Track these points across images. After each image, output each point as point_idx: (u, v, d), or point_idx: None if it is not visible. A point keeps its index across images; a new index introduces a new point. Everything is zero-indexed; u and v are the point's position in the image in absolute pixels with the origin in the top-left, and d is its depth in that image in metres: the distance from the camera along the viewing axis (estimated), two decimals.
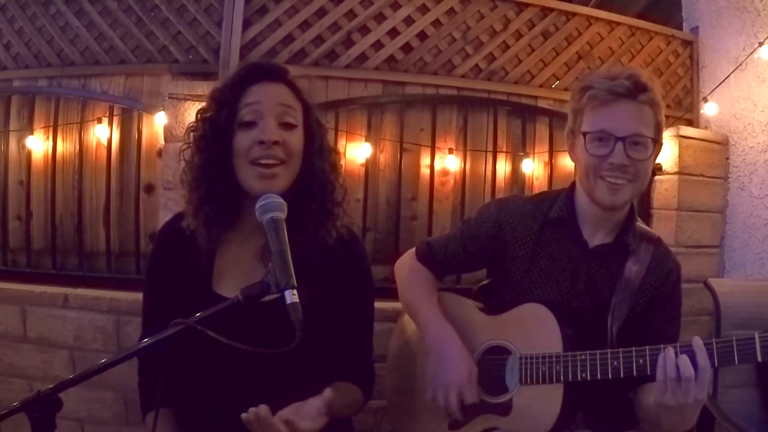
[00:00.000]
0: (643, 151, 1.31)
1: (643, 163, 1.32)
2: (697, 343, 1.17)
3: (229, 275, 1.30)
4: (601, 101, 1.31)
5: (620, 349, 1.26)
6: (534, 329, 1.37)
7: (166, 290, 1.32)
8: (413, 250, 1.62)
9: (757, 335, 1.16)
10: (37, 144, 2.49)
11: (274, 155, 1.21)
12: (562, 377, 1.30)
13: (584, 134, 1.34)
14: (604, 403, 1.37)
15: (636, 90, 1.29)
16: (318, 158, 1.30)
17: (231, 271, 1.30)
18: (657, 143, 1.36)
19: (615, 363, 1.25)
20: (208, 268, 1.29)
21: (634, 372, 1.24)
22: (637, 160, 1.31)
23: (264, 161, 1.21)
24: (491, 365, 1.41)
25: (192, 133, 1.29)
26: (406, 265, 1.60)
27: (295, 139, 1.26)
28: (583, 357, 1.29)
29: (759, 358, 1.16)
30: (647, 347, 1.23)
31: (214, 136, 1.24)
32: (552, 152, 2.60)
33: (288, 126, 1.25)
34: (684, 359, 1.14)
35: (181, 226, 1.29)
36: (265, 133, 1.21)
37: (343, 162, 2.41)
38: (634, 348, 1.25)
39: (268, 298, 0.98)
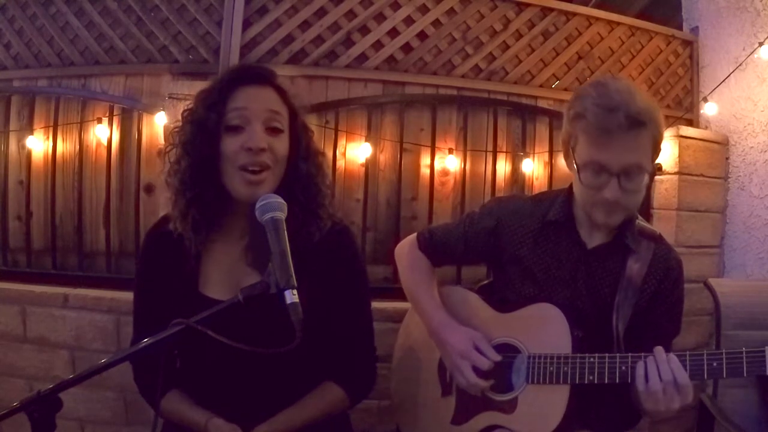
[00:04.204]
0: (637, 180, 1.28)
1: (636, 194, 1.30)
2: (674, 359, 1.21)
3: (215, 277, 1.30)
4: (595, 135, 1.25)
5: (629, 354, 1.26)
6: (544, 329, 1.37)
7: (154, 292, 1.32)
8: (414, 235, 1.64)
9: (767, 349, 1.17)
10: (37, 144, 2.48)
11: (261, 162, 1.21)
12: (569, 379, 1.30)
13: (576, 164, 1.31)
14: (606, 404, 1.37)
15: (632, 125, 1.23)
16: (303, 162, 1.30)
17: (217, 273, 1.30)
18: (655, 154, 1.32)
19: (623, 368, 1.25)
20: (194, 271, 1.29)
21: None
22: (631, 191, 1.28)
23: (251, 168, 1.21)
24: (498, 362, 1.40)
25: (178, 135, 1.27)
26: (406, 250, 1.62)
27: (281, 144, 1.26)
28: (591, 360, 1.28)
29: None
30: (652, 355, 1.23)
31: (202, 139, 1.22)
32: (552, 152, 2.60)
33: (275, 131, 1.25)
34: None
35: (168, 229, 1.29)
36: (252, 140, 1.20)
37: (342, 162, 2.43)
38: (643, 354, 1.24)
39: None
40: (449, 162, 2.50)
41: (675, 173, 2.58)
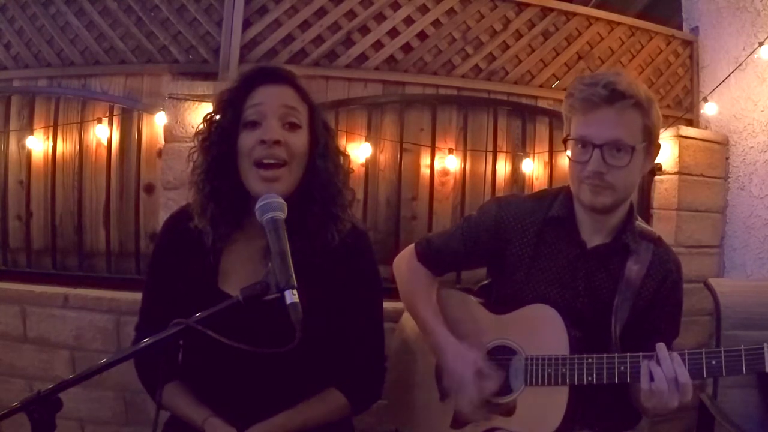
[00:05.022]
0: (622, 157, 1.29)
1: (622, 170, 1.30)
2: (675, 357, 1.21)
3: (234, 274, 1.30)
4: (581, 109, 1.31)
5: (627, 354, 1.26)
6: (541, 330, 1.37)
7: (170, 285, 1.32)
8: (412, 246, 1.61)
9: (766, 346, 1.17)
10: (37, 144, 2.48)
11: (276, 155, 1.21)
12: (567, 380, 1.29)
13: (566, 140, 1.36)
14: (606, 404, 1.37)
15: (612, 98, 1.28)
16: (321, 160, 1.29)
17: (237, 270, 1.30)
18: (650, 145, 1.35)
19: (622, 368, 1.25)
20: (214, 266, 1.30)
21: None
22: (616, 166, 1.29)
23: (266, 161, 1.21)
24: (496, 364, 1.40)
25: (199, 136, 1.30)
26: (405, 262, 1.60)
27: (299, 140, 1.26)
28: (589, 360, 1.28)
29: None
30: (654, 353, 1.23)
31: (218, 136, 1.25)
32: (552, 152, 2.60)
33: (292, 126, 1.25)
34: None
35: (186, 222, 1.30)
36: (267, 133, 1.21)
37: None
38: (641, 353, 1.24)
39: (268, 297, 0.98)
40: (449, 162, 2.50)
41: (675, 173, 2.58)
